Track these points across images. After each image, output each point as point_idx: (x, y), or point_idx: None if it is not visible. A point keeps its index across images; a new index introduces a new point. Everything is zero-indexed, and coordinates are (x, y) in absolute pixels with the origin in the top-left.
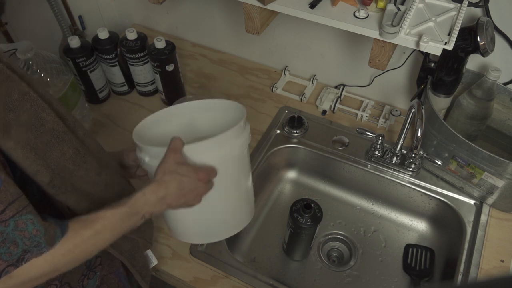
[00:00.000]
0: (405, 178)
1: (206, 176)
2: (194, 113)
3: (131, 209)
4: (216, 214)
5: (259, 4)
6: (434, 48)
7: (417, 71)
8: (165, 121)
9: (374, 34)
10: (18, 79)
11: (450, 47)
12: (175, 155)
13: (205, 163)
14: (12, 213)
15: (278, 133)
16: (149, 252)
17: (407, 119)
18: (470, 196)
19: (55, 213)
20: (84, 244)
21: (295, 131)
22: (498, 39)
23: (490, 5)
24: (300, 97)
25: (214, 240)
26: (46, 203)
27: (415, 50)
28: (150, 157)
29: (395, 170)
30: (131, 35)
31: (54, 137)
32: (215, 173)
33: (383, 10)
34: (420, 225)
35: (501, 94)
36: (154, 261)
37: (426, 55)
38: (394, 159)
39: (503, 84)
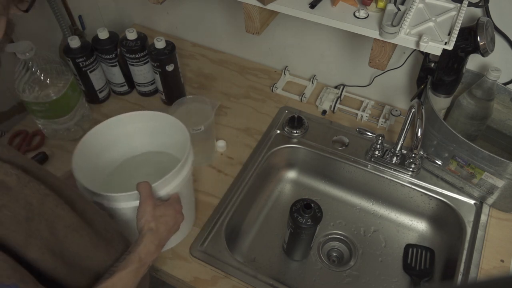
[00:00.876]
0: (405, 178)
1: (181, 206)
2: (131, 124)
3: (140, 263)
4: None
5: (259, 4)
6: (434, 48)
7: (417, 71)
8: (104, 134)
9: (374, 34)
10: (36, 183)
11: (450, 47)
12: (150, 200)
13: (169, 192)
14: None
15: (278, 133)
16: None
17: (407, 119)
18: (470, 196)
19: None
20: None
21: (295, 131)
22: (498, 39)
23: (490, 5)
24: (300, 97)
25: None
26: None
27: (415, 50)
28: (109, 202)
29: (395, 170)
30: (131, 35)
31: (69, 230)
32: (179, 197)
33: (383, 10)
34: (420, 225)
35: (501, 94)
36: None
37: (426, 55)
38: (394, 159)
39: (503, 84)
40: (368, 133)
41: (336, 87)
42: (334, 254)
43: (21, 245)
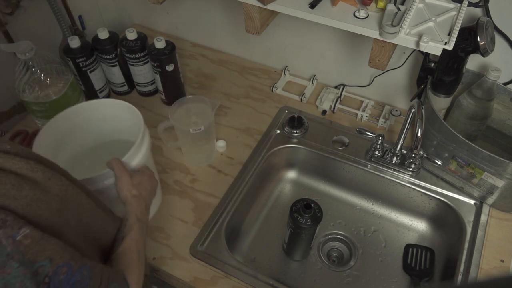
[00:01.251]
0: (405, 178)
1: (152, 172)
2: (90, 113)
3: (140, 222)
4: None
5: (259, 4)
6: (434, 48)
7: (417, 71)
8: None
9: (374, 34)
10: (58, 175)
11: (450, 47)
12: (126, 172)
13: (138, 164)
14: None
15: (278, 133)
16: None
17: (407, 119)
18: (470, 196)
19: None
20: (141, 257)
21: (295, 131)
22: (498, 39)
23: (490, 5)
24: (300, 97)
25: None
26: None
27: (415, 50)
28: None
29: (395, 170)
30: (131, 35)
31: (89, 216)
32: (148, 167)
33: (383, 10)
34: (420, 225)
35: (501, 94)
36: None
37: (426, 55)
38: (394, 159)
39: (503, 84)
40: (368, 133)
41: (336, 87)
42: (334, 254)
43: (58, 235)
